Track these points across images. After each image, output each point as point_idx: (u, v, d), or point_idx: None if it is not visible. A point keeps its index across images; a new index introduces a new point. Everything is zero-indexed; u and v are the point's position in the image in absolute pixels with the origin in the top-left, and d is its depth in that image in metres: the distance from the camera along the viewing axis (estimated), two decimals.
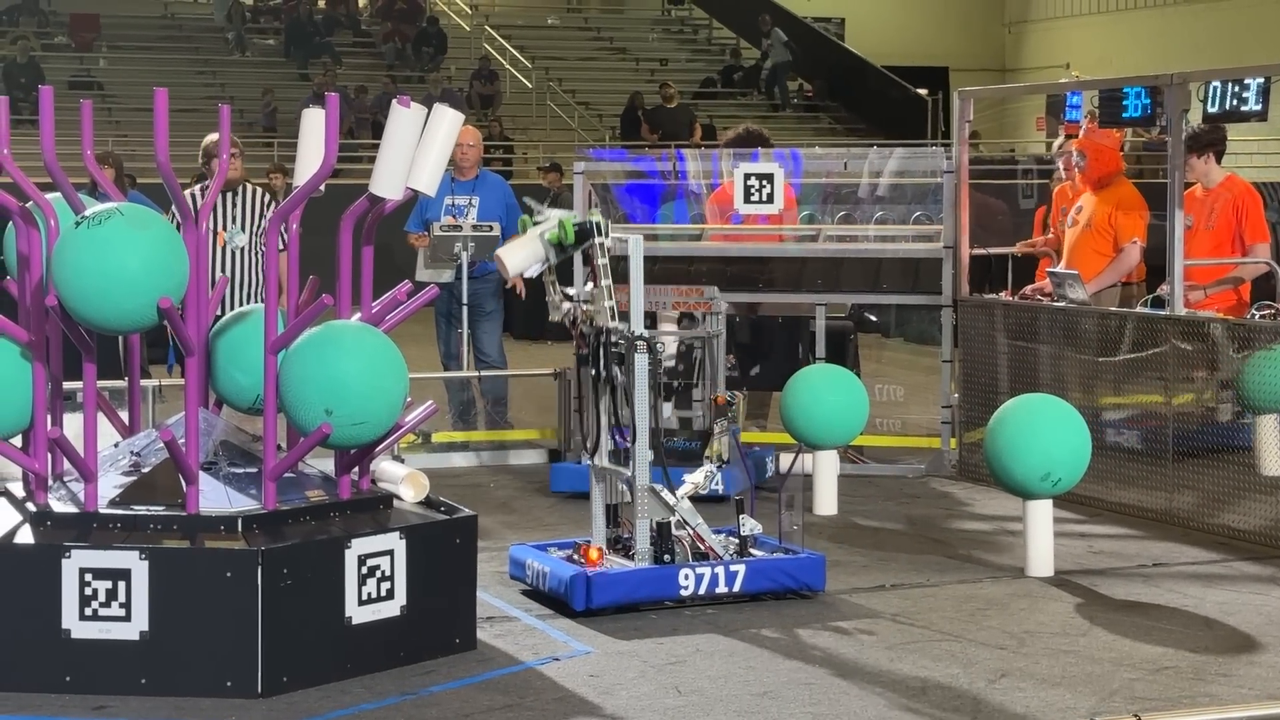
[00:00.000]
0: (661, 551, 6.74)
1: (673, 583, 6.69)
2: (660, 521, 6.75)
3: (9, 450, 6.02)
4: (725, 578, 6.74)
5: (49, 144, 5.90)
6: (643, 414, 6.67)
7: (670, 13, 35.03)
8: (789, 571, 6.89)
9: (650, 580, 6.67)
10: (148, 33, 29.85)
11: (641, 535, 6.73)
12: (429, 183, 6.25)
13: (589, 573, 6.58)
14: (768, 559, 6.92)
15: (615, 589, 6.59)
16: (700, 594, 6.72)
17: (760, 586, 6.84)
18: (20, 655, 5.60)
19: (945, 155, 10.10)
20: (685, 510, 6.82)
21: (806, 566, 6.94)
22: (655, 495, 6.74)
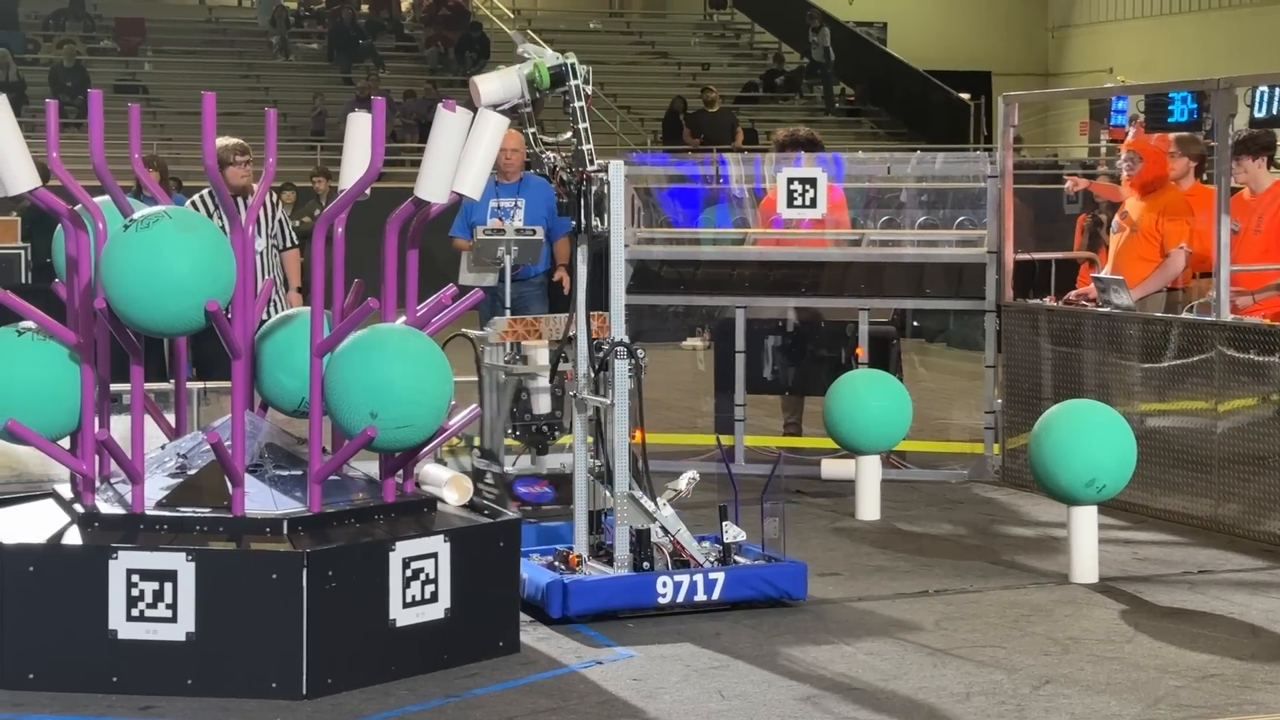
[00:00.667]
0: (640, 559, 6.69)
1: (650, 590, 6.63)
2: (639, 529, 6.69)
3: (57, 452, 6.06)
4: (704, 585, 6.69)
5: (98, 147, 5.94)
6: (622, 420, 6.64)
7: (712, 17, 35.02)
8: (769, 580, 6.82)
9: (627, 588, 6.61)
10: (192, 37, 30.01)
11: (620, 542, 6.68)
12: (474, 186, 6.28)
13: (565, 580, 6.54)
14: (748, 567, 6.85)
15: (592, 596, 6.54)
16: (679, 601, 6.65)
17: (740, 594, 6.76)
18: (68, 655, 5.64)
19: (989, 160, 10.08)
20: (666, 518, 6.75)
21: (788, 574, 6.86)
22: (635, 502, 6.69)
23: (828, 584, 7.29)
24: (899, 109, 31.22)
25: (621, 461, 6.66)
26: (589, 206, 6.71)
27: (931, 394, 11.88)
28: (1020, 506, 9.08)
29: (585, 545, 6.83)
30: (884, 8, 35.85)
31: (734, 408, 10.18)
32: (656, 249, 10.45)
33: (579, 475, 6.86)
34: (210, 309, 5.65)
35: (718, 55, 33.23)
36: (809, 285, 10.17)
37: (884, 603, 6.97)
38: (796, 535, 8.26)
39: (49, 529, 5.93)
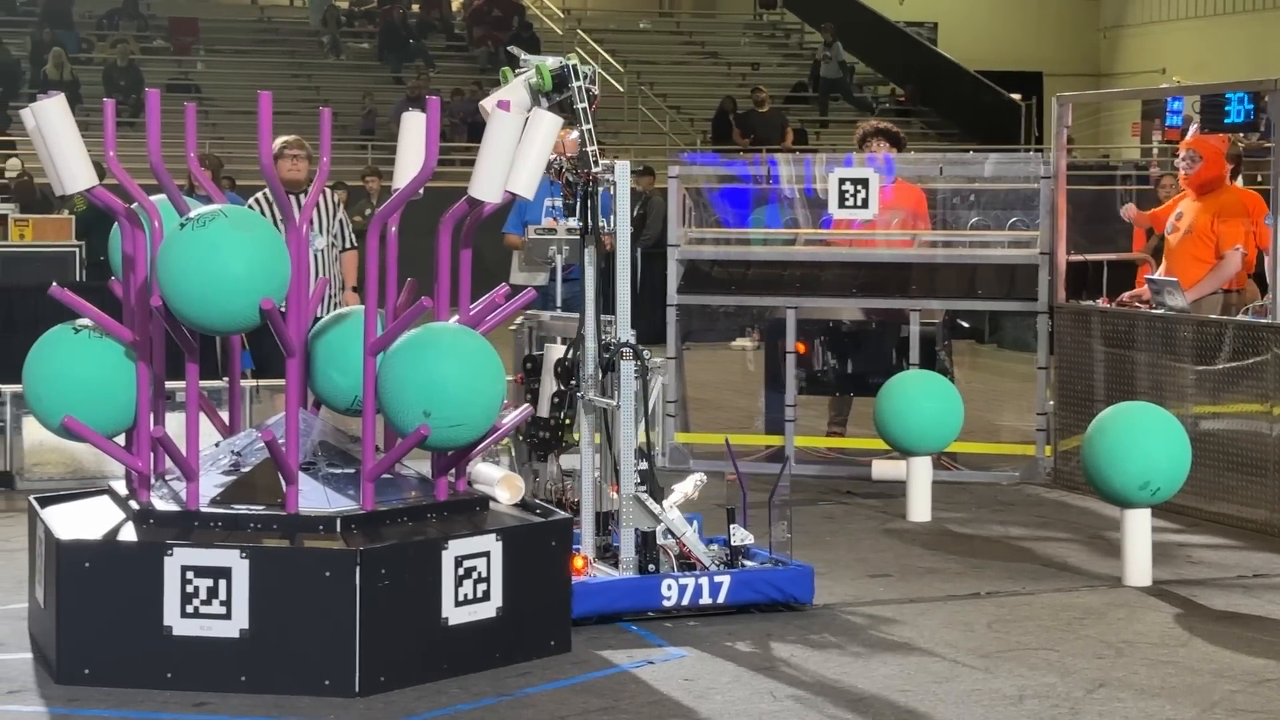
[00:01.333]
0: (646, 561, 6.66)
1: (655, 593, 6.60)
2: (645, 531, 6.67)
3: (113, 448, 6.11)
4: (710, 589, 6.66)
5: (155, 146, 5.97)
6: (628, 423, 6.63)
7: (762, 17, 34.96)
8: (775, 583, 6.77)
9: (632, 590, 6.58)
10: (244, 36, 30.15)
11: (626, 544, 6.65)
12: (527, 186, 6.29)
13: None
14: (755, 570, 6.79)
15: (596, 598, 6.51)
16: (684, 604, 6.62)
17: (745, 598, 6.72)
18: (123, 651, 5.68)
19: (1042, 161, 10.03)
20: (672, 520, 6.72)
21: (794, 578, 6.81)
22: (641, 504, 6.66)
23: (879, 585, 7.27)
24: (949, 109, 31.09)
25: (627, 463, 6.64)
26: (595, 207, 6.72)
27: (983, 395, 11.84)
28: (1072, 509, 9.03)
29: (592, 547, 6.82)
30: (934, 8, 35.71)
31: (784, 408, 10.17)
32: (707, 249, 10.44)
33: (586, 476, 6.85)
34: (265, 307, 5.67)
35: (767, 55, 33.17)
36: (860, 286, 10.14)
37: (936, 604, 6.94)
38: (847, 536, 8.27)
39: (105, 526, 5.97)
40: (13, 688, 5.72)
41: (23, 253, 13.60)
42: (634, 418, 6.64)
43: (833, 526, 8.52)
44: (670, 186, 10.42)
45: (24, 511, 6.84)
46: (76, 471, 9.29)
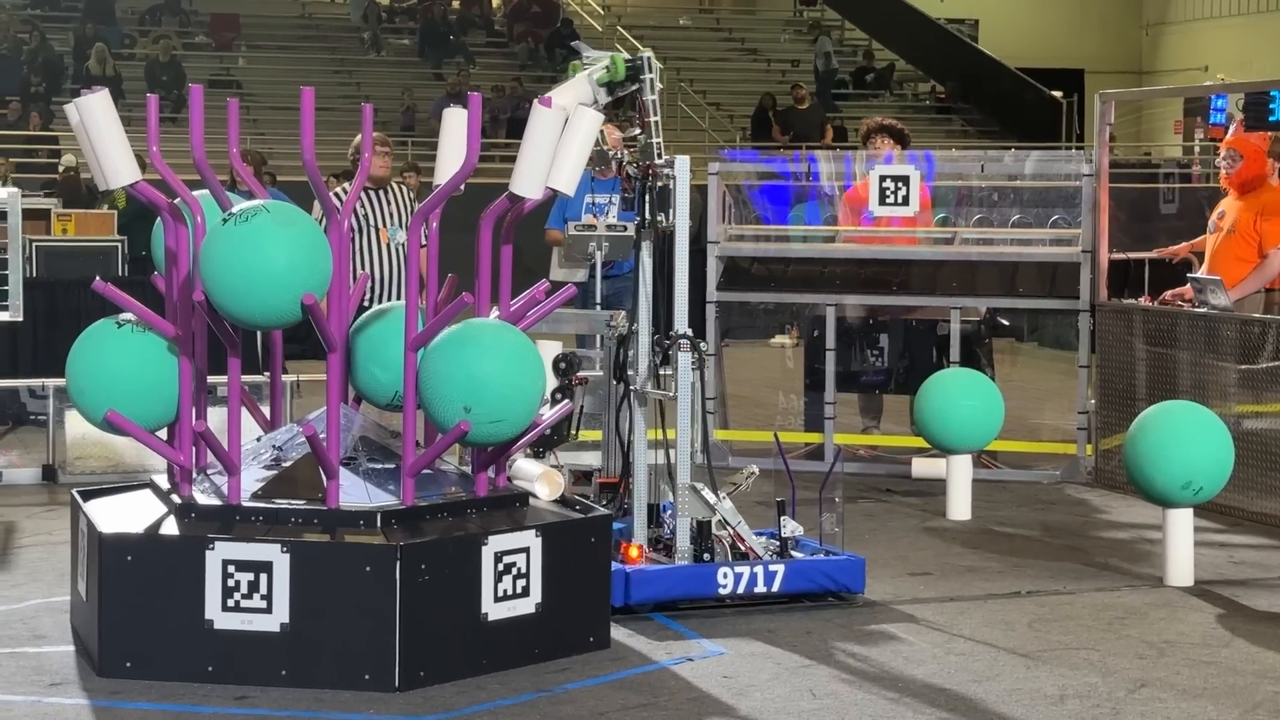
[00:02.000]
0: (701, 550, 6.70)
1: (711, 581, 6.64)
2: (700, 520, 6.71)
3: (155, 443, 6.13)
4: (764, 577, 6.70)
5: (199, 142, 5.99)
6: (684, 413, 6.63)
7: (802, 13, 34.88)
8: (828, 573, 6.83)
9: (688, 578, 6.64)
10: (285, 32, 30.25)
11: (681, 534, 6.69)
12: (568, 182, 6.29)
13: (627, 569, 6.55)
14: (807, 560, 6.86)
15: (653, 586, 6.57)
16: (739, 593, 6.67)
17: (799, 587, 6.79)
18: (164, 645, 5.70)
19: (1084, 158, 9.99)
20: (726, 510, 6.76)
21: (846, 568, 6.87)
22: (696, 494, 6.70)
23: (919, 583, 7.25)
24: (990, 107, 30.99)
25: (683, 454, 6.65)
26: (654, 201, 6.72)
27: (1023, 394, 11.80)
28: (1113, 508, 8.99)
29: (645, 536, 6.83)
30: (976, 5, 35.60)
31: (823, 405, 10.16)
32: (746, 246, 10.43)
33: (639, 467, 6.87)
34: (306, 302, 5.68)
35: (807, 52, 33.09)
36: (900, 283, 10.12)
37: (976, 603, 6.92)
38: (886, 534, 8.25)
39: (147, 519, 5.99)
40: (55, 680, 5.75)
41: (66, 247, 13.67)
42: (690, 410, 6.64)
43: (872, 524, 8.50)
44: (710, 183, 10.42)
45: (66, 505, 6.89)
46: (118, 465, 9.34)
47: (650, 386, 6.83)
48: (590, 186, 10.71)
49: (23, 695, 5.59)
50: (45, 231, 14.56)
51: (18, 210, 9.66)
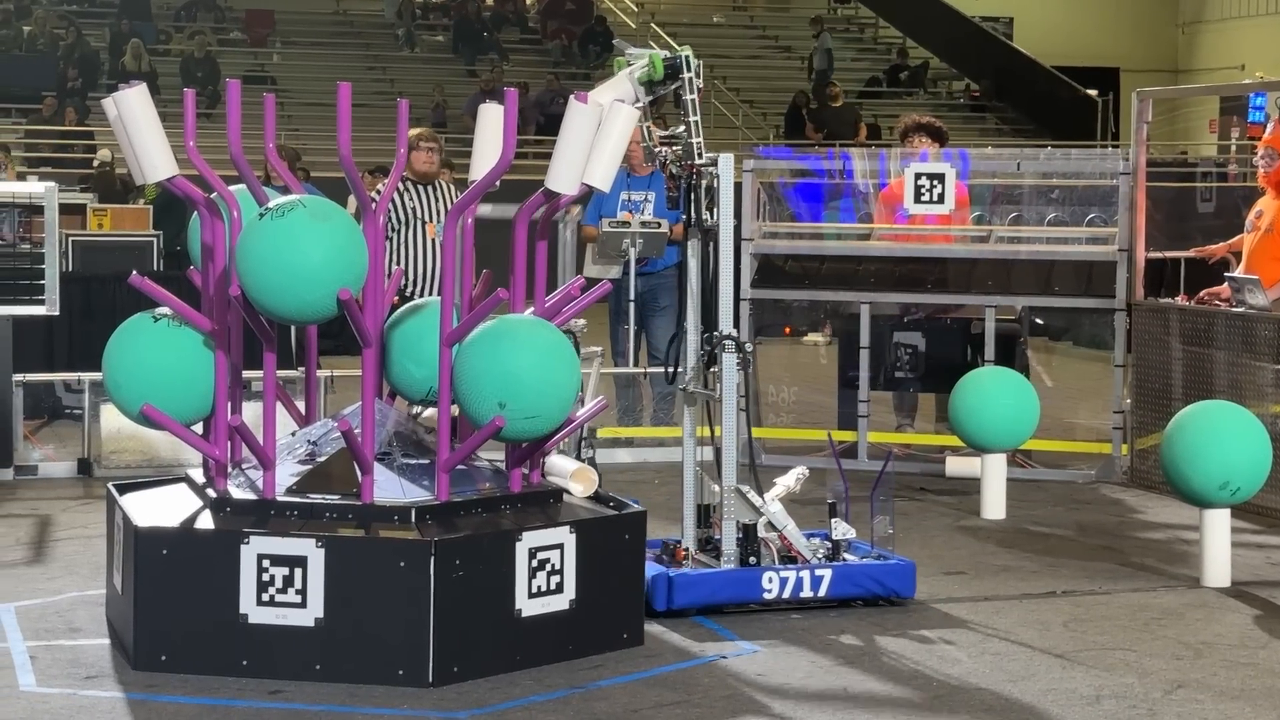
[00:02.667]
0: (747, 554, 6.64)
1: (756, 585, 6.58)
2: (746, 523, 6.65)
3: (191, 437, 6.14)
4: (810, 582, 6.62)
5: (235, 137, 6.00)
6: (730, 415, 6.60)
7: (836, 11, 34.83)
8: (877, 578, 6.73)
9: (733, 582, 6.57)
10: (320, 29, 30.33)
11: (727, 537, 6.63)
12: (603, 179, 6.28)
13: (670, 573, 6.50)
14: (856, 564, 6.76)
15: (697, 590, 6.50)
16: (785, 598, 6.59)
17: (846, 592, 6.69)
18: (199, 638, 5.71)
19: (1121, 157, 9.94)
20: (774, 513, 6.70)
21: (896, 573, 6.77)
22: (742, 497, 6.64)
23: (953, 583, 7.23)
24: (1025, 105, 30.90)
25: (730, 455, 6.62)
26: (699, 200, 6.69)
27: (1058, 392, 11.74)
28: (1149, 508, 8.95)
29: (693, 538, 6.80)
30: (1010, 2, 35.48)
31: (857, 403, 10.13)
32: (780, 244, 10.41)
33: (687, 468, 6.84)
34: (342, 297, 5.69)
35: (841, 49, 33.05)
36: (935, 282, 10.08)
37: (1011, 603, 6.89)
38: (920, 533, 8.22)
39: (182, 513, 6.01)
40: (91, 673, 5.77)
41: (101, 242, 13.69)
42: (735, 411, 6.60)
43: (906, 523, 8.46)
44: (745, 181, 10.39)
45: (102, 498, 6.91)
46: (153, 459, 9.37)
47: (697, 386, 6.80)
48: (626, 183, 10.72)
49: (59, 688, 5.61)
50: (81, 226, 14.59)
51: (54, 205, 9.70)
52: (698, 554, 6.74)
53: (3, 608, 6.57)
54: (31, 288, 9.63)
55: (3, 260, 10.71)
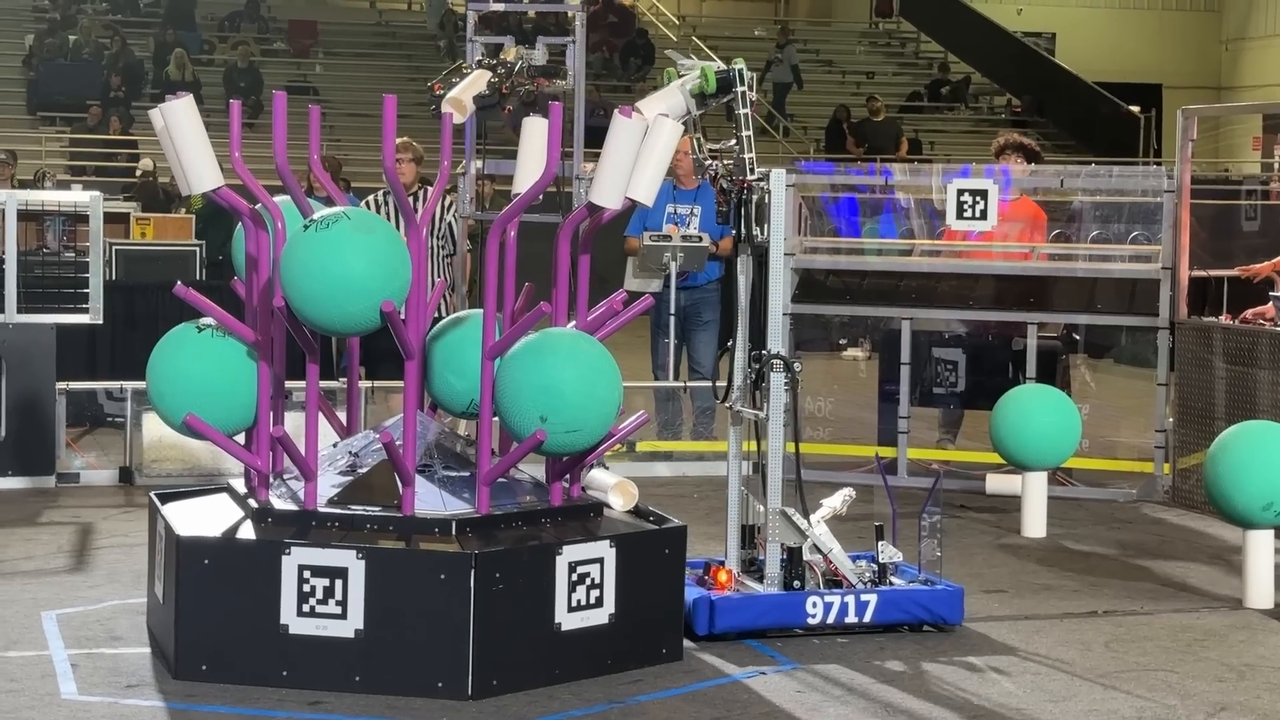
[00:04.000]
0: (791, 577, 6.55)
1: (800, 610, 6.47)
2: (791, 546, 6.56)
3: (233, 447, 6.16)
4: (855, 607, 6.53)
5: (281, 148, 6.02)
6: (776, 435, 6.56)
7: (878, 25, 34.82)
8: (924, 603, 6.61)
9: (776, 606, 6.46)
10: (362, 39, 30.46)
11: (771, 560, 6.53)
12: (647, 193, 6.27)
13: (712, 596, 6.41)
14: (902, 589, 6.64)
15: (739, 614, 6.41)
16: (829, 623, 6.50)
17: (892, 618, 6.58)
18: (240, 648, 5.72)
19: (1165, 174, 9.89)
20: (819, 536, 6.62)
21: (943, 599, 6.65)
22: (787, 519, 6.55)
23: (993, 601, 7.19)
24: (1067, 121, 30.80)
25: (775, 476, 6.58)
26: (749, 216, 6.65)
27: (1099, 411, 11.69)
28: (1191, 528, 8.89)
29: (736, 560, 6.75)
30: (1053, 18, 35.39)
31: (897, 420, 10.10)
32: (822, 258, 10.39)
33: (732, 489, 6.80)
34: (385, 309, 5.70)
35: (883, 64, 33.04)
36: (976, 298, 10.05)
37: (1051, 622, 6.86)
38: (960, 551, 8.18)
39: (224, 523, 6.03)
40: (131, 682, 5.79)
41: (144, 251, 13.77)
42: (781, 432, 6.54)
43: (946, 541, 8.39)
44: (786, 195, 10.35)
45: (143, 507, 6.93)
46: (194, 468, 9.40)
47: (744, 405, 6.75)
48: (671, 196, 10.73)
49: (100, 696, 5.63)
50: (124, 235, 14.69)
51: (99, 214, 9.76)
52: (742, 576, 6.64)
53: (45, 615, 6.59)
54: (75, 296, 9.69)
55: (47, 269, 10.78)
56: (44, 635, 6.31)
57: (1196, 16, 36.25)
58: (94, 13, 28.99)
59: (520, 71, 6.72)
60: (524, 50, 6.83)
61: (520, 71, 6.72)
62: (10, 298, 9.34)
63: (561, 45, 7.06)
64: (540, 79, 6.72)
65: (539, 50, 6.91)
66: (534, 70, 6.79)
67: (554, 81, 6.75)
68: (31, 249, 12.42)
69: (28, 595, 6.93)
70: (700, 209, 10.76)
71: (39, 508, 8.88)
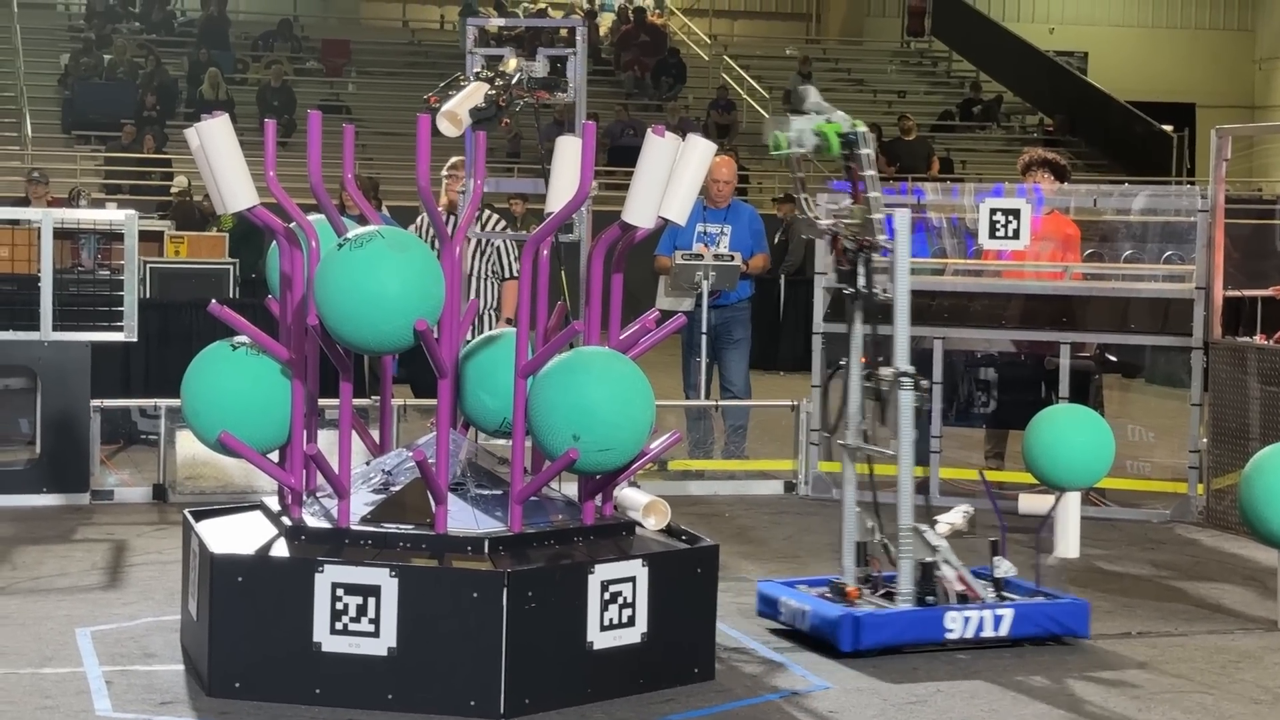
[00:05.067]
0: (924, 593, 6.60)
1: (939, 625, 6.53)
2: (924, 562, 6.59)
3: (267, 465, 6.18)
4: (993, 622, 6.58)
5: (316, 167, 6.04)
6: (907, 453, 6.56)
7: (910, 44, 34.81)
8: (1055, 617, 6.70)
9: (918, 622, 6.52)
10: (395, 59, 30.56)
11: (905, 576, 6.57)
12: (679, 212, 6.28)
13: (857, 613, 6.45)
14: (1032, 603, 6.72)
15: (883, 630, 6.46)
16: (967, 638, 6.54)
17: (1026, 631, 6.64)
18: (273, 666, 5.74)
19: (1199, 194, 9.87)
20: (947, 551, 6.66)
21: (1071, 612, 6.74)
22: (919, 536, 6.59)
23: None
24: (1099, 140, 30.73)
25: (906, 493, 6.57)
26: (871, 274, 6.61)
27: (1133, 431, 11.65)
28: (1226, 549, 8.85)
29: (853, 577, 6.73)
30: (1085, 37, 35.34)
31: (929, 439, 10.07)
32: None
33: (847, 507, 6.80)
34: (419, 328, 5.71)
35: (914, 83, 33.01)
36: (1009, 317, 10.03)
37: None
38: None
39: (257, 541, 6.04)
40: (165, 699, 5.80)
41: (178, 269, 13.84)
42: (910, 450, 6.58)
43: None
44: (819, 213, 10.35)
45: (177, 524, 6.97)
46: (227, 486, 9.43)
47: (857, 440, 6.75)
48: (702, 215, 10.74)
49: (133, 713, 5.64)
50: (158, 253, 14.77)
51: (134, 232, 9.81)
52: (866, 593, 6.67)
53: (79, 632, 6.62)
54: (110, 314, 9.74)
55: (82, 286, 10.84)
56: (79, 652, 6.34)
57: (1230, 35, 36.16)
58: (129, 32, 29.15)
59: (520, 84, 6.70)
60: (525, 62, 6.81)
61: (520, 84, 6.70)
62: (46, 315, 9.39)
63: (563, 57, 7.04)
64: (540, 91, 6.72)
65: (540, 62, 6.90)
66: (534, 82, 6.77)
67: (555, 94, 6.74)
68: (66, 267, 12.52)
69: (62, 612, 6.96)
70: (730, 228, 10.76)
71: (73, 524, 8.92)
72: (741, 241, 10.75)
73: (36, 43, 28.65)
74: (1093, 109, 31.02)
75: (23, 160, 24.06)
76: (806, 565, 8.12)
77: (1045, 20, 35.74)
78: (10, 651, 6.32)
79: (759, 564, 8.15)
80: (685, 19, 34.02)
